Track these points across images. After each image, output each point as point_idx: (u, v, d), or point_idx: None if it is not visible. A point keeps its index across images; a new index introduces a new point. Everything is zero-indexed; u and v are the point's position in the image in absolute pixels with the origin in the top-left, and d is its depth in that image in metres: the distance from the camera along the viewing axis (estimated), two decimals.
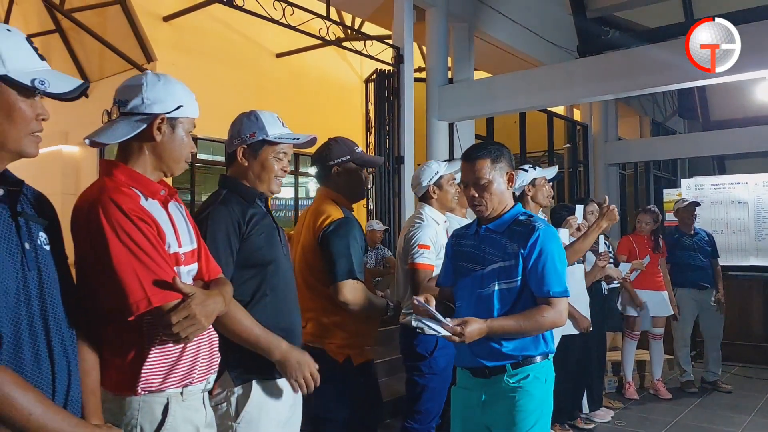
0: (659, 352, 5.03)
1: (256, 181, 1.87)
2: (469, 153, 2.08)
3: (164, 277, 1.35)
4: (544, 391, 1.98)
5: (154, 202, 1.46)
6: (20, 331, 1.13)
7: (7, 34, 1.16)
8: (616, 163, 10.50)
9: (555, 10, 8.64)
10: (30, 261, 1.17)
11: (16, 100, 1.15)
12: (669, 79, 5.58)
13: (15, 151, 1.17)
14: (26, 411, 1.08)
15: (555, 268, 1.95)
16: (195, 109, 1.55)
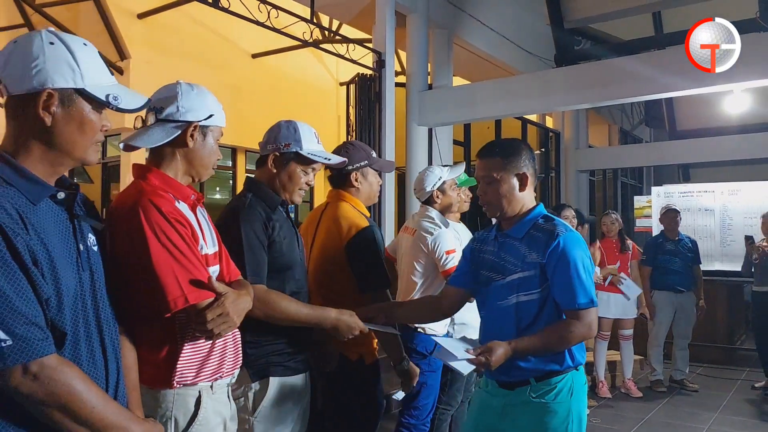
0: (629, 353, 5.23)
1: (280, 189, 1.95)
2: (484, 149, 2.00)
3: (200, 277, 1.42)
4: (568, 405, 1.86)
5: (184, 206, 1.53)
6: (78, 328, 1.19)
7: (85, 49, 1.22)
8: (586, 169, 10.78)
9: (532, 20, 8.85)
10: (84, 261, 1.23)
11: (89, 113, 1.22)
12: (642, 90, 5.80)
13: (80, 159, 1.24)
14: (90, 404, 1.14)
15: (579, 277, 1.81)
16: (223, 118, 1.63)
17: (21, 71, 1.17)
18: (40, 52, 1.17)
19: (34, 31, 1.21)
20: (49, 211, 1.19)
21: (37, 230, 1.14)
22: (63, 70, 1.17)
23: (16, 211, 1.11)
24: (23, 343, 1.07)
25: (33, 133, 1.19)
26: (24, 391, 1.08)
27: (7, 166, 1.16)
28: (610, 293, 5.07)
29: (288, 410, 1.87)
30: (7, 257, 1.07)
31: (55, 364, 1.11)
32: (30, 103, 1.18)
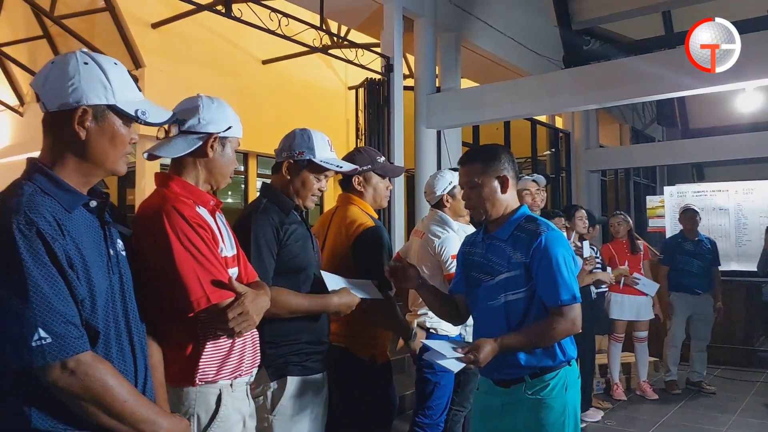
0: (644, 355, 5.19)
1: (294, 194, 2.01)
2: (464, 156, 2.08)
3: (221, 278, 1.49)
4: (565, 400, 1.92)
5: (204, 211, 1.60)
6: (109, 328, 1.27)
7: (116, 68, 1.30)
8: (597, 169, 10.74)
9: (540, 22, 8.85)
10: (113, 265, 1.31)
11: (119, 127, 1.31)
12: (651, 89, 5.78)
13: (110, 170, 1.32)
14: (121, 398, 1.21)
15: (561, 274, 1.88)
16: (240, 129, 1.70)
17: (58, 89, 1.26)
18: (75, 71, 1.26)
19: (70, 53, 1.29)
20: (82, 218, 1.28)
21: (72, 236, 1.22)
22: (96, 88, 1.26)
23: (54, 218, 1.19)
24: (61, 341, 1.15)
25: (68, 146, 1.28)
26: (62, 386, 1.16)
27: (45, 177, 1.25)
28: (624, 295, 5.04)
29: (306, 409, 1.93)
30: (47, 261, 1.15)
31: (90, 360, 1.19)
32: (66, 119, 1.26)
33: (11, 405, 1.17)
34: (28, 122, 12.19)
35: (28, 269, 1.13)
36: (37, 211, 1.17)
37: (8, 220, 1.15)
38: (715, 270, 5.37)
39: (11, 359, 1.14)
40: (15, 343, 1.13)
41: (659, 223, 8.38)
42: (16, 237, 1.14)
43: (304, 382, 1.93)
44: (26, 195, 1.19)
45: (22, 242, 1.14)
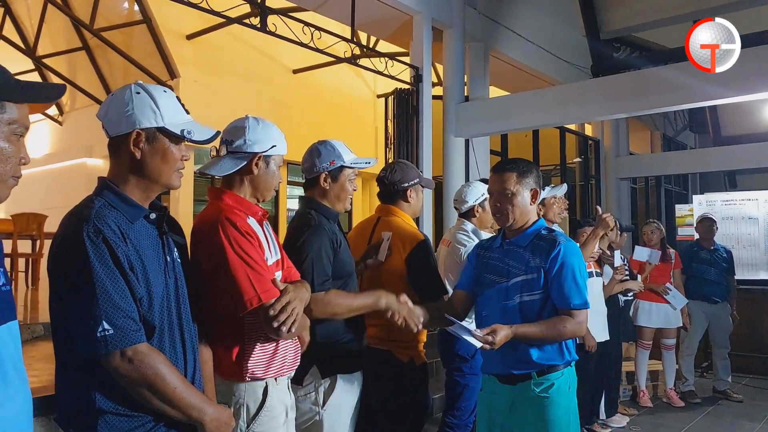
0: (671, 362, 5.21)
1: (335, 200, 2.18)
2: (499, 165, 2.22)
3: (268, 280, 1.68)
4: (569, 399, 2.08)
5: (253, 220, 1.79)
6: (163, 324, 1.44)
7: (164, 95, 1.48)
8: (627, 177, 10.67)
9: (568, 30, 8.89)
10: (170, 270, 1.49)
11: (169, 146, 1.48)
12: (681, 99, 5.79)
13: (165, 184, 1.49)
14: (172, 385, 1.38)
15: (575, 281, 2.05)
16: (284, 146, 1.88)
17: (117, 117, 1.45)
18: (129, 100, 1.45)
19: (126, 85, 1.48)
20: (143, 228, 1.46)
21: (133, 243, 1.40)
22: (147, 114, 1.44)
23: (118, 228, 1.38)
24: (121, 333, 1.32)
25: (128, 165, 1.47)
26: (121, 372, 1.33)
27: (112, 193, 1.45)
28: (652, 303, 5.07)
29: (351, 404, 2.11)
30: (111, 264, 1.33)
31: (146, 350, 1.35)
32: (124, 142, 1.46)
33: (80, 389, 1.36)
34: (68, 131, 12.66)
35: (96, 270, 1.31)
36: (104, 222, 1.36)
37: (80, 229, 1.34)
38: (730, 278, 5.39)
39: (80, 347, 1.33)
40: (83, 334, 1.32)
41: (689, 232, 8.32)
42: (86, 243, 1.32)
43: (351, 379, 2.11)
44: (96, 208, 1.39)
45: (91, 248, 1.32)
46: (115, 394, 1.36)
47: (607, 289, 4.07)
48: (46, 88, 1.19)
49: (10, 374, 1.11)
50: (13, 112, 1.11)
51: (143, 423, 1.38)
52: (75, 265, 1.32)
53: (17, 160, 1.12)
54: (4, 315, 1.13)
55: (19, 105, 1.12)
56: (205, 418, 1.43)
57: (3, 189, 1.12)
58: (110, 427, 1.35)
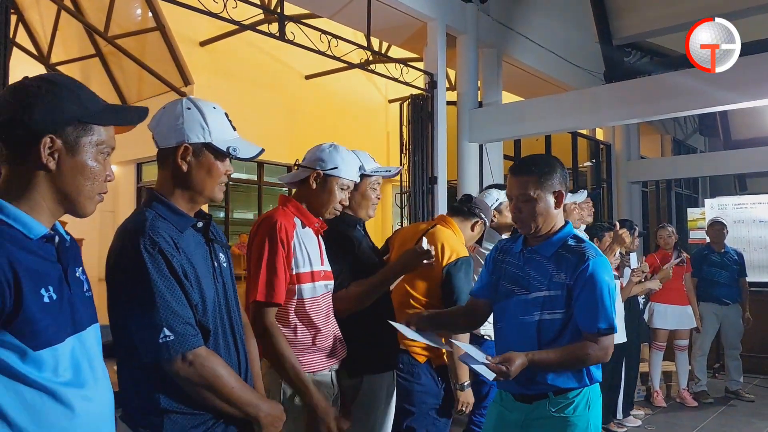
0: (685, 363, 5.31)
1: (357, 208, 2.30)
2: (518, 167, 1.99)
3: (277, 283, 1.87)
4: (588, 418, 1.89)
5: (309, 230, 1.95)
6: (217, 328, 1.53)
7: (213, 111, 1.56)
8: (638, 181, 10.73)
9: (581, 37, 8.97)
10: (218, 275, 1.57)
11: (214, 162, 1.56)
12: (693, 104, 5.87)
13: (209, 197, 1.58)
14: (230, 385, 1.47)
15: (604, 302, 1.84)
16: (349, 172, 2.05)
17: (167, 130, 1.53)
18: (180, 114, 1.52)
19: (178, 100, 1.57)
20: (191, 237, 1.54)
21: (185, 252, 1.48)
22: (196, 129, 1.52)
23: (171, 238, 1.46)
24: (181, 338, 1.40)
25: (175, 177, 1.54)
26: (183, 375, 1.41)
27: (161, 204, 1.52)
28: (667, 305, 5.16)
29: (379, 402, 2.21)
30: (167, 273, 1.41)
31: (205, 353, 1.44)
32: (172, 155, 1.53)
33: (144, 390, 1.45)
34: None
35: (154, 280, 1.39)
36: (158, 233, 1.43)
37: (137, 242, 1.41)
38: (743, 281, 5.48)
39: (144, 353, 1.41)
40: (146, 341, 1.40)
41: (700, 235, 8.38)
42: (143, 255, 1.40)
43: (379, 379, 2.23)
44: (149, 220, 1.46)
45: (149, 259, 1.40)
46: (177, 395, 1.44)
47: (625, 290, 4.16)
48: (130, 112, 1.25)
49: (97, 372, 1.21)
50: (101, 135, 1.19)
51: (204, 421, 1.47)
52: (134, 277, 1.40)
53: (103, 177, 1.20)
54: (91, 318, 1.23)
55: (106, 127, 1.20)
56: (260, 414, 1.52)
57: (91, 205, 1.20)
58: (175, 425, 1.43)
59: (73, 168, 1.15)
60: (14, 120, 1.11)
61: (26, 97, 1.12)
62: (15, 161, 1.13)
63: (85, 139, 1.16)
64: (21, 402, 1.06)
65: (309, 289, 1.95)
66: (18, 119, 1.11)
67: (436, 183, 7.14)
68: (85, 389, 1.15)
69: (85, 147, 1.16)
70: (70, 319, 1.14)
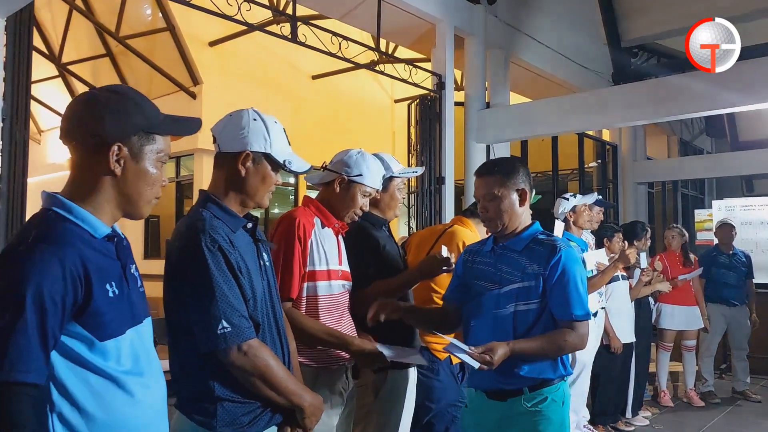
0: (692, 363, 5.35)
1: (385, 209, 2.39)
2: (482, 168, 2.08)
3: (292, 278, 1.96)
4: (562, 415, 1.96)
5: (329, 230, 2.02)
6: (264, 321, 1.63)
7: (275, 125, 1.69)
8: (644, 182, 10.74)
9: (589, 38, 9.00)
10: (264, 272, 1.68)
11: (269, 171, 1.69)
12: (702, 106, 5.89)
13: (258, 202, 1.70)
14: (279, 375, 1.57)
15: (578, 290, 1.92)
16: (373, 180, 2.13)
17: (231, 136, 1.67)
18: (246, 124, 1.65)
19: (244, 110, 1.68)
20: (242, 236, 1.66)
21: (239, 250, 1.60)
22: (259, 139, 1.66)
23: (227, 236, 1.58)
24: (237, 330, 1.51)
25: (231, 180, 1.68)
26: (237, 364, 1.52)
27: (216, 205, 1.65)
28: (675, 306, 5.20)
29: (402, 398, 2.29)
30: (225, 269, 1.53)
31: (257, 345, 1.55)
32: (233, 159, 1.67)
33: (199, 379, 1.56)
34: None
35: (214, 276, 1.50)
36: (217, 232, 1.55)
37: (198, 240, 1.53)
38: (750, 283, 5.51)
39: (202, 344, 1.52)
40: (205, 332, 1.51)
41: (707, 237, 8.40)
42: (204, 252, 1.51)
43: (402, 375, 2.31)
44: (207, 220, 1.57)
45: (209, 256, 1.51)
46: (230, 384, 1.54)
47: (634, 291, 4.20)
48: (186, 122, 1.35)
49: (153, 362, 1.30)
50: (161, 143, 1.30)
51: (253, 409, 1.58)
52: (196, 272, 1.50)
53: (160, 183, 1.31)
54: (145, 311, 1.32)
55: (164, 137, 1.31)
56: (304, 403, 1.62)
57: (148, 208, 1.31)
58: (227, 412, 1.54)
59: (136, 174, 1.26)
60: (87, 129, 1.22)
61: (97, 107, 1.22)
62: (84, 166, 1.24)
63: (147, 147, 1.27)
64: (89, 388, 1.16)
65: (325, 286, 2.02)
66: (90, 128, 1.21)
67: (444, 183, 7.18)
68: (144, 377, 1.25)
69: (147, 155, 1.27)
70: (129, 313, 1.24)
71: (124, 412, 1.20)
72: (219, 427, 1.52)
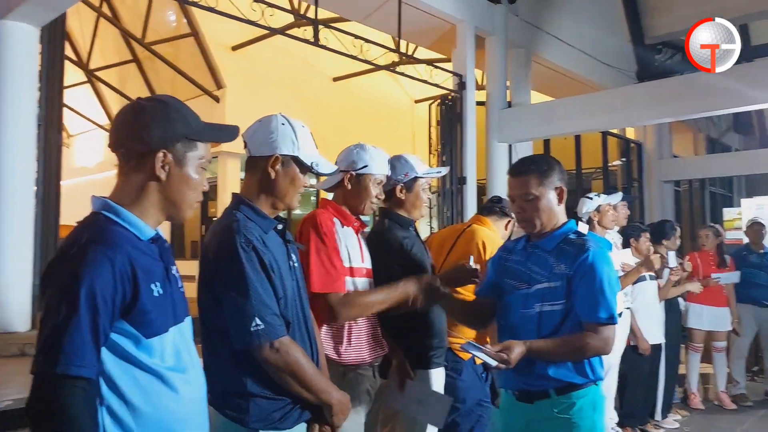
0: (722, 365, 5.24)
1: (411, 209, 2.38)
2: (517, 167, 2.00)
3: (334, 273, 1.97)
4: (593, 420, 1.87)
5: (349, 229, 2.07)
6: (294, 320, 1.66)
7: (302, 129, 1.73)
8: (670, 180, 10.58)
9: (611, 36, 8.91)
10: (294, 273, 1.71)
11: (298, 173, 1.73)
12: (727, 103, 5.80)
13: (288, 204, 1.74)
14: (309, 372, 1.60)
15: (604, 292, 1.83)
16: (379, 167, 2.14)
17: (261, 140, 1.70)
18: (275, 128, 1.70)
19: (273, 115, 1.73)
20: (273, 237, 1.69)
21: (270, 250, 1.63)
22: (287, 143, 1.69)
23: (260, 237, 1.61)
24: (270, 327, 1.54)
25: (262, 183, 1.71)
26: (270, 361, 1.55)
27: (248, 207, 1.68)
28: (703, 305, 5.10)
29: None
30: (259, 269, 1.56)
31: (289, 342, 1.57)
32: (263, 163, 1.70)
33: (232, 375, 1.59)
34: None
35: (248, 275, 1.54)
36: (250, 233, 1.59)
37: (233, 240, 1.57)
38: None
39: (236, 341, 1.55)
40: (239, 329, 1.54)
41: (737, 236, 8.25)
42: (239, 251, 1.55)
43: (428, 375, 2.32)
44: (241, 221, 1.62)
45: (244, 255, 1.55)
46: (262, 380, 1.58)
47: (663, 291, 4.15)
48: (226, 130, 1.40)
49: (194, 359, 1.35)
50: (201, 150, 1.35)
51: (284, 405, 1.60)
52: (231, 271, 1.54)
53: (201, 188, 1.36)
54: (186, 310, 1.37)
55: (205, 144, 1.36)
56: (332, 401, 1.64)
57: (190, 211, 1.37)
58: (259, 408, 1.57)
59: (180, 179, 1.31)
60: (134, 136, 1.28)
61: (144, 116, 1.28)
62: (131, 172, 1.30)
63: (190, 153, 1.32)
64: (135, 384, 1.21)
65: (349, 282, 2.06)
66: (138, 136, 1.27)
67: (465, 183, 7.18)
68: (186, 374, 1.30)
69: (190, 161, 1.32)
70: (172, 312, 1.29)
71: (168, 406, 1.25)
72: (251, 423, 1.56)
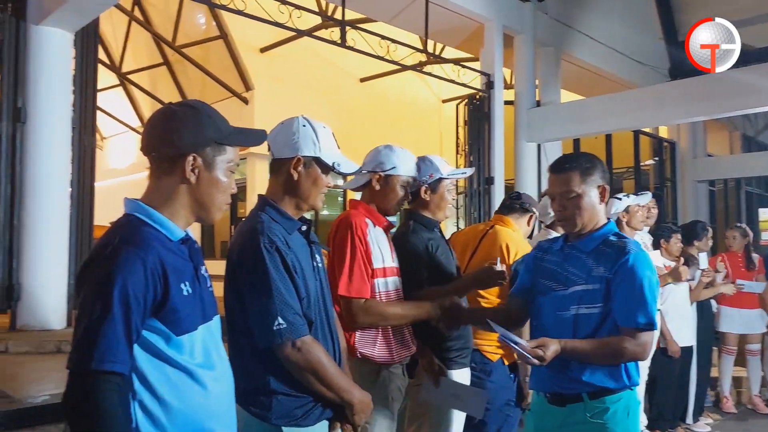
0: (757, 369, 5.11)
1: (435, 210, 2.39)
2: (558, 164, 1.93)
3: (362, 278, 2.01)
4: (626, 426, 1.83)
5: (379, 229, 2.10)
6: (317, 320, 1.69)
7: (323, 130, 1.76)
8: (705, 179, 10.35)
9: (643, 33, 8.75)
10: (317, 273, 1.74)
11: (320, 173, 1.76)
12: (763, 101, 5.66)
13: (311, 205, 1.77)
14: (330, 371, 1.63)
15: (644, 296, 1.78)
16: (407, 168, 2.16)
17: (283, 143, 1.74)
18: (297, 130, 1.72)
19: (294, 117, 1.75)
20: (297, 238, 1.72)
21: (294, 251, 1.66)
22: (309, 144, 1.72)
23: (284, 238, 1.65)
24: (292, 327, 1.57)
25: (285, 185, 1.74)
26: (292, 360, 1.58)
27: (273, 209, 1.72)
28: (735, 308, 4.99)
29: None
30: (282, 269, 1.59)
31: (310, 341, 1.60)
32: (285, 164, 1.74)
33: (255, 373, 1.62)
34: None
35: (271, 275, 1.57)
36: (274, 234, 1.63)
37: (258, 241, 1.60)
38: None
39: (259, 339, 1.59)
40: (262, 327, 1.57)
41: None
42: (263, 252, 1.59)
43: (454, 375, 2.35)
44: (265, 222, 1.65)
45: (267, 256, 1.58)
46: (284, 379, 1.61)
47: (695, 293, 4.07)
48: (253, 134, 1.43)
49: (222, 356, 1.38)
50: (230, 154, 1.38)
51: (305, 403, 1.63)
52: (255, 271, 1.58)
53: (230, 190, 1.39)
54: (214, 309, 1.40)
55: (233, 147, 1.39)
56: (354, 400, 1.67)
57: (219, 213, 1.40)
58: (282, 405, 1.60)
59: (209, 182, 1.34)
60: (165, 140, 1.32)
61: (175, 121, 1.32)
62: (162, 175, 1.33)
63: (219, 157, 1.35)
64: (166, 380, 1.25)
65: (382, 283, 2.09)
66: (169, 140, 1.31)
67: (493, 183, 7.13)
68: (215, 371, 1.33)
69: (219, 164, 1.35)
70: (201, 310, 1.33)
71: (197, 402, 1.28)
72: (274, 419, 1.58)
